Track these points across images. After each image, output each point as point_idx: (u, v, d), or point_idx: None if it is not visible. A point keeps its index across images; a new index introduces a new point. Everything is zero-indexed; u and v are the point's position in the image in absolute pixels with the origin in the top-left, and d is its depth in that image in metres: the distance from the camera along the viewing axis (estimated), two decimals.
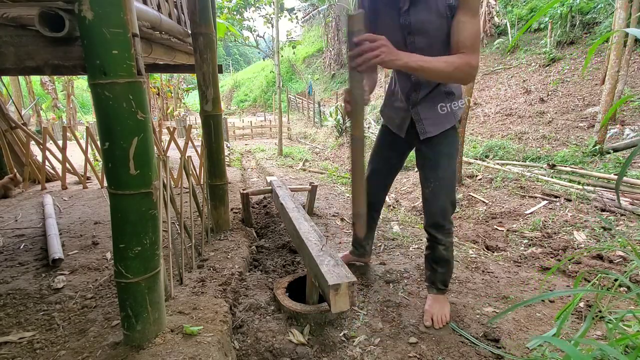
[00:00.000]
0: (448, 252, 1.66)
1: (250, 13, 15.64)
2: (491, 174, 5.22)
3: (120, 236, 1.15)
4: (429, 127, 1.55)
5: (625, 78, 5.82)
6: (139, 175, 1.11)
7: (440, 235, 1.63)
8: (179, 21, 2.79)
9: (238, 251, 2.19)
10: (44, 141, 4.01)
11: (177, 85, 17.33)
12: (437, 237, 1.64)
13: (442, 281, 1.72)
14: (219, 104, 2.39)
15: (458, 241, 2.93)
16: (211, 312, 1.47)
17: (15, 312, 1.54)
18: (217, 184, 2.46)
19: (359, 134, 1.30)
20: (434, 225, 1.64)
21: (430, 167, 1.60)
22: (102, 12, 0.98)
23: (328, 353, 1.46)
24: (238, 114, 24.73)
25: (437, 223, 1.62)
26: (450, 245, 1.67)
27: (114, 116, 1.05)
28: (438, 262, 1.69)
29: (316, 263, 1.52)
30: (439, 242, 1.64)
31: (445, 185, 1.57)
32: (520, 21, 12.29)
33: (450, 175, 1.59)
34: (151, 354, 1.19)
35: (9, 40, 1.64)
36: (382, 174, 1.84)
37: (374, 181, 1.83)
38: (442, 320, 1.62)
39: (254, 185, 4.73)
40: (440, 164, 1.57)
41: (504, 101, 9.15)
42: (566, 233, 3.17)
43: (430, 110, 1.54)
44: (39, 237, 2.46)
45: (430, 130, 1.55)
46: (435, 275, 1.71)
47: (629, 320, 1.41)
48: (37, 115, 10.66)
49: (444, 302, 1.70)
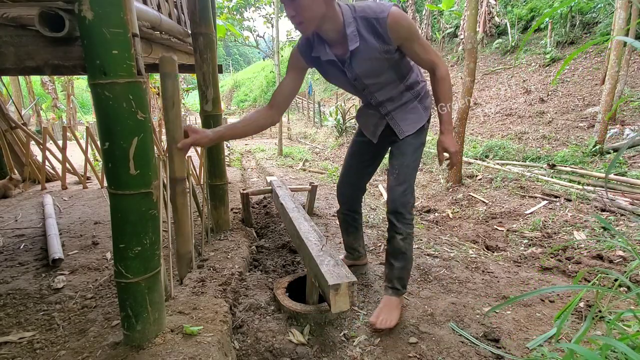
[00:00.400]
0: (405, 243, 1.64)
1: (250, 13, 15.65)
2: (491, 174, 5.22)
3: (120, 236, 1.15)
4: (406, 127, 1.64)
5: (625, 78, 5.82)
6: (139, 175, 1.11)
7: (400, 224, 1.63)
8: (179, 21, 2.79)
9: (238, 251, 2.19)
10: (44, 141, 4.01)
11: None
12: (397, 226, 1.63)
13: (399, 278, 1.67)
14: (219, 104, 2.39)
15: (458, 241, 2.93)
16: (211, 312, 1.47)
17: (15, 312, 1.54)
18: (217, 184, 2.46)
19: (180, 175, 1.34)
20: (394, 213, 1.64)
21: (397, 156, 1.66)
22: (102, 12, 0.98)
23: (328, 353, 1.46)
24: (238, 114, 24.74)
25: (396, 210, 1.63)
26: (408, 237, 1.65)
27: (114, 116, 1.05)
28: (396, 256, 1.66)
29: (316, 263, 1.52)
30: (398, 231, 1.63)
31: (408, 173, 1.63)
32: (520, 21, 12.29)
33: (414, 163, 1.65)
34: (151, 354, 1.19)
35: (9, 40, 1.64)
36: (357, 174, 1.90)
37: (350, 182, 1.91)
38: (386, 324, 1.57)
39: (254, 185, 4.73)
40: (407, 153, 1.64)
41: (504, 101, 9.15)
42: (566, 233, 3.17)
43: (405, 112, 1.65)
44: (39, 237, 2.46)
45: (408, 129, 1.64)
46: (392, 271, 1.68)
47: (628, 320, 1.41)
48: (37, 115, 10.65)
49: (395, 307, 1.64)
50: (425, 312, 1.72)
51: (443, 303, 1.80)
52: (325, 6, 1.34)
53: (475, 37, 4.75)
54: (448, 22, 15.30)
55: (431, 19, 15.97)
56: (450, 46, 14.97)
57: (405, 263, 1.67)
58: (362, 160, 1.88)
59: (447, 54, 14.85)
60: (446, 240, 2.88)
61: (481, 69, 11.19)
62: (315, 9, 1.32)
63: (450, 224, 3.73)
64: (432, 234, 3.05)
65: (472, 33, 4.70)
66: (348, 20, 1.40)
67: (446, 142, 1.59)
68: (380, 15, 1.38)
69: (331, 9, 1.36)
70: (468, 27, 4.75)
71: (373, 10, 1.40)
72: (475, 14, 4.67)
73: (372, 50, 1.44)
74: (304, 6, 1.30)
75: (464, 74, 4.88)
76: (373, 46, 1.43)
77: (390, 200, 1.66)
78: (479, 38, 11.99)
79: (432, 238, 2.85)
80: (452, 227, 3.60)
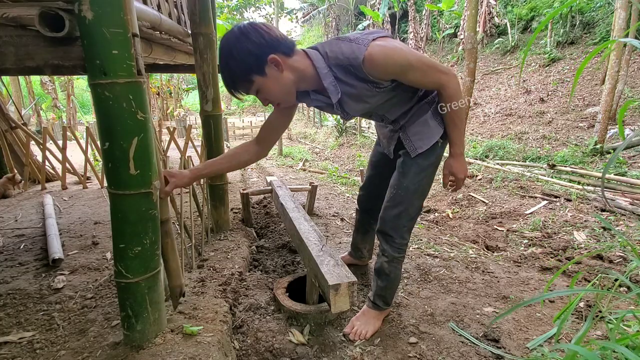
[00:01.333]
0: (391, 266, 1.52)
1: (250, 13, 15.65)
2: (491, 174, 5.22)
3: (120, 236, 1.15)
4: (417, 143, 1.43)
5: (625, 78, 5.82)
6: (139, 175, 1.11)
7: (386, 246, 1.51)
8: (179, 21, 2.79)
9: (238, 251, 2.19)
10: (44, 141, 4.01)
11: (178, 85, 17.32)
12: (383, 247, 1.54)
13: (380, 296, 1.57)
14: (219, 104, 2.39)
15: (458, 241, 2.93)
16: (211, 312, 1.48)
17: (15, 312, 1.54)
18: (217, 184, 2.46)
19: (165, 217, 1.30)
20: (381, 233, 1.53)
21: (397, 174, 1.50)
22: (102, 12, 0.98)
23: (328, 353, 1.46)
24: (238, 114, 24.72)
25: (385, 232, 1.51)
26: (394, 261, 1.52)
27: (114, 116, 1.05)
28: (379, 274, 1.57)
29: (316, 263, 1.52)
30: (384, 253, 1.53)
31: (406, 196, 1.45)
32: (520, 21, 12.29)
33: (415, 187, 1.45)
34: (151, 354, 1.19)
35: (9, 40, 1.64)
36: (375, 185, 1.80)
37: (370, 189, 1.83)
38: (361, 335, 1.52)
39: (254, 185, 4.73)
40: (408, 173, 1.45)
41: (504, 101, 9.15)
42: (566, 233, 3.17)
43: (418, 125, 1.43)
44: (39, 237, 2.46)
45: (420, 145, 1.43)
46: (375, 287, 1.59)
47: (628, 320, 1.41)
48: (37, 115, 10.66)
49: (373, 319, 1.57)
50: (425, 312, 1.72)
51: (443, 303, 1.80)
52: (292, 75, 1.21)
53: (475, 37, 4.75)
54: (448, 22, 15.30)
55: (431, 19, 15.97)
56: (450, 46, 14.96)
57: (388, 284, 1.56)
58: (380, 172, 1.75)
59: (447, 54, 14.85)
60: (446, 240, 2.88)
61: (481, 69, 11.18)
62: (282, 85, 1.21)
63: (450, 224, 3.73)
64: (432, 234, 3.05)
65: (472, 33, 4.70)
66: (322, 72, 1.23)
67: (454, 166, 1.44)
68: (355, 62, 1.19)
69: (298, 72, 1.22)
70: (468, 27, 4.75)
71: (346, 56, 1.20)
72: (475, 14, 4.68)
73: (361, 92, 1.27)
74: (270, 90, 1.22)
75: (464, 74, 4.88)
76: (361, 88, 1.26)
77: (380, 220, 1.53)
78: (479, 38, 12.00)
79: (432, 238, 2.85)
80: (452, 227, 3.60)
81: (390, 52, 1.19)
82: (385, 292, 1.58)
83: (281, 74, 1.19)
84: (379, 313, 1.60)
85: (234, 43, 1.15)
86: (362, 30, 17.01)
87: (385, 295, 1.58)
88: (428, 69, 1.25)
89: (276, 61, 1.16)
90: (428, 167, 1.46)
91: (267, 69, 1.17)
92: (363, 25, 16.79)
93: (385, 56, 1.18)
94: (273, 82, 1.20)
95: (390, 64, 1.19)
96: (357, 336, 1.52)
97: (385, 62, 1.19)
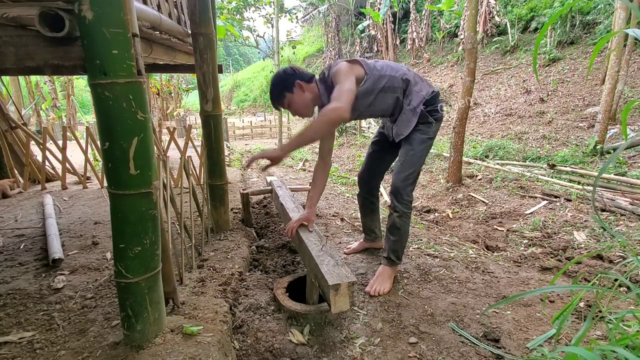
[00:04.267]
0: (401, 220, 1.90)
1: (250, 13, 15.65)
2: (491, 174, 5.22)
3: (120, 236, 1.15)
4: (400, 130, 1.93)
5: (625, 78, 5.82)
6: (139, 175, 1.11)
7: (397, 202, 1.89)
8: (179, 21, 2.79)
9: (238, 251, 2.19)
10: (44, 141, 4.01)
11: (178, 85, 17.31)
12: (395, 204, 1.90)
13: (393, 250, 1.93)
14: (219, 103, 2.40)
15: (458, 241, 2.93)
16: (211, 312, 1.48)
17: (15, 312, 1.54)
18: (217, 184, 2.46)
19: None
20: (394, 192, 1.90)
21: (405, 146, 1.93)
22: (102, 12, 0.98)
23: (328, 353, 1.46)
24: (238, 114, 24.71)
25: (397, 190, 1.88)
26: (404, 216, 1.90)
27: (114, 116, 1.05)
28: (392, 230, 1.93)
29: (316, 263, 1.52)
30: (395, 209, 1.90)
31: (414, 160, 1.88)
32: (520, 21, 12.29)
33: (420, 152, 1.90)
34: (151, 354, 1.19)
35: (9, 40, 1.64)
36: (376, 161, 2.20)
37: (370, 167, 2.20)
38: (380, 291, 1.87)
39: (254, 185, 4.73)
40: (412, 144, 1.90)
41: (504, 101, 9.15)
42: (566, 233, 3.17)
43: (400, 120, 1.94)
44: (39, 237, 2.46)
45: (401, 132, 1.93)
46: (388, 243, 1.95)
47: (628, 320, 1.41)
48: (37, 115, 10.65)
49: (388, 276, 1.94)
50: (425, 312, 1.72)
51: (443, 303, 1.80)
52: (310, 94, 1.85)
53: (475, 37, 4.74)
54: (448, 22, 15.29)
55: (431, 19, 15.97)
56: (450, 46, 14.95)
57: (399, 237, 1.92)
58: (381, 148, 2.17)
59: (447, 54, 14.84)
60: (446, 240, 2.88)
61: (481, 69, 11.18)
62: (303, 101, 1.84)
63: (450, 224, 3.72)
64: (432, 234, 3.05)
65: (472, 33, 4.70)
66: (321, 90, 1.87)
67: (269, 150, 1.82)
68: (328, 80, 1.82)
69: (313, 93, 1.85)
70: (468, 27, 4.75)
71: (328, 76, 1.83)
72: (475, 14, 4.67)
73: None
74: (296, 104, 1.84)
75: (464, 74, 4.88)
76: None
77: (393, 182, 1.91)
78: (479, 38, 12.00)
79: (432, 238, 2.85)
80: (452, 227, 3.60)
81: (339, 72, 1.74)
82: (397, 246, 1.94)
83: (303, 93, 1.83)
84: (392, 270, 1.96)
85: (278, 75, 1.86)
86: (362, 30, 17.02)
87: (397, 249, 1.94)
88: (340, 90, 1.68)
89: (299, 85, 1.82)
90: (428, 140, 1.92)
91: (294, 89, 1.82)
92: (363, 25, 16.77)
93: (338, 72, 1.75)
94: (298, 98, 1.84)
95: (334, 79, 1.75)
96: (377, 292, 1.87)
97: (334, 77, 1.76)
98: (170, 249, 1.47)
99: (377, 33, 16.46)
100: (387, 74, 1.85)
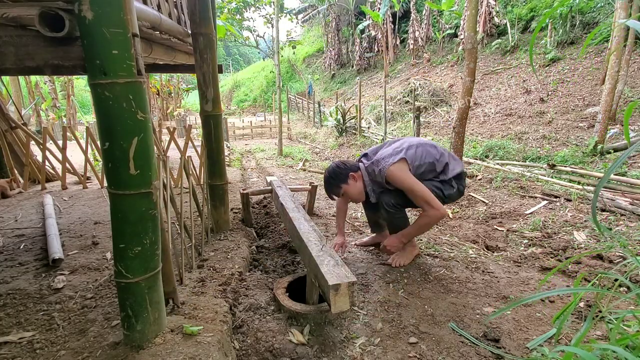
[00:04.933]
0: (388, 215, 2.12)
1: (250, 13, 15.65)
2: (491, 174, 5.22)
3: (120, 236, 1.15)
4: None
5: (625, 78, 5.82)
6: (139, 175, 1.11)
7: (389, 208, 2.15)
8: (179, 21, 2.79)
9: (238, 251, 2.19)
10: (44, 141, 4.01)
11: (177, 85, 17.31)
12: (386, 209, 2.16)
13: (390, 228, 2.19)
14: (219, 103, 2.39)
15: (458, 241, 2.93)
16: (211, 312, 1.48)
17: (15, 312, 1.54)
18: (217, 184, 2.46)
19: None
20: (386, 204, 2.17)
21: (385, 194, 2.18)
22: (102, 12, 0.98)
23: (328, 353, 1.46)
24: (238, 114, 24.72)
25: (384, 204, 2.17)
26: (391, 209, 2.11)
27: (114, 116, 1.05)
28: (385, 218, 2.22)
29: (316, 263, 1.52)
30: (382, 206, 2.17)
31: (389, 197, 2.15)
32: (520, 21, 12.29)
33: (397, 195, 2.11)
34: (151, 354, 1.19)
35: (9, 40, 1.64)
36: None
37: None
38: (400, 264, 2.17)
39: (254, 185, 4.72)
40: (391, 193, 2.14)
41: (504, 101, 9.15)
42: (566, 233, 3.17)
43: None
44: (39, 237, 2.46)
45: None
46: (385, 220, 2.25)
47: (628, 320, 1.41)
48: (37, 115, 10.65)
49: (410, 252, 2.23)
50: (425, 312, 1.72)
51: (443, 303, 1.80)
52: (360, 183, 2.13)
53: (475, 37, 4.74)
54: (448, 22, 15.30)
55: (431, 18, 15.97)
56: (450, 46, 14.96)
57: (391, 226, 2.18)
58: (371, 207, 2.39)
59: (447, 54, 14.85)
60: (446, 240, 2.88)
61: (481, 69, 11.18)
62: (357, 189, 2.12)
63: (450, 224, 3.72)
64: (432, 234, 3.04)
65: (472, 33, 4.70)
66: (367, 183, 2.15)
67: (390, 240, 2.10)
68: (381, 180, 2.05)
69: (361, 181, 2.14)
70: (468, 27, 4.74)
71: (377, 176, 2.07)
72: (475, 14, 4.67)
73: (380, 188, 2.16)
74: (351, 193, 2.13)
75: (464, 74, 4.88)
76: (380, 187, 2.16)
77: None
78: (479, 38, 12.00)
79: (432, 238, 2.85)
80: (452, 227, 3.59)
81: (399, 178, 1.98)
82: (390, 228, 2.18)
83: (356, 183, 2.12)
84: (413, 247, 2.24)
85: (332, 170, 2.12)
86: (362, 30, 16.97)
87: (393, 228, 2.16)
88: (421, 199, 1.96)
89: (353, 177, 2.11)
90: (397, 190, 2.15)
91: (349, 180, 2.10)
92: (363, 25, 16.78)
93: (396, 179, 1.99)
94: (352, 188, 2.12)
95: (398, 184, 2.00)
96: (398, 264, 2.17)
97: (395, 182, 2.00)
98: (170, 249, 1.48)
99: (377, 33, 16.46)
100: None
